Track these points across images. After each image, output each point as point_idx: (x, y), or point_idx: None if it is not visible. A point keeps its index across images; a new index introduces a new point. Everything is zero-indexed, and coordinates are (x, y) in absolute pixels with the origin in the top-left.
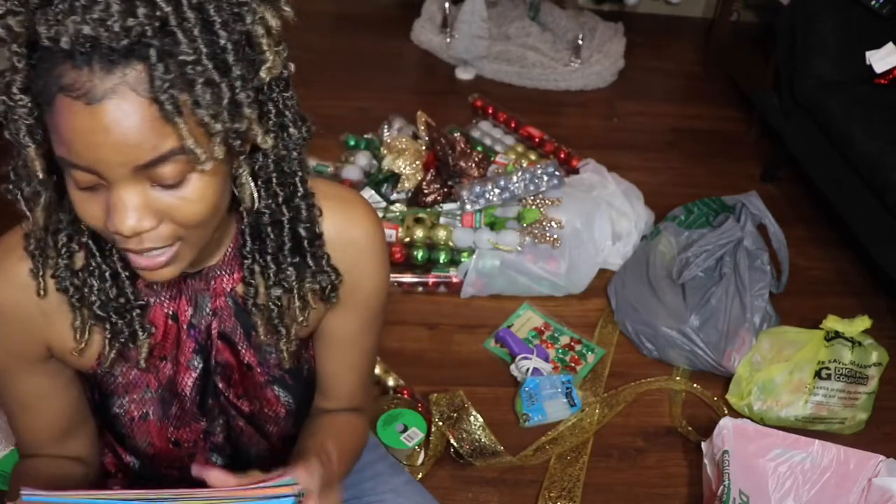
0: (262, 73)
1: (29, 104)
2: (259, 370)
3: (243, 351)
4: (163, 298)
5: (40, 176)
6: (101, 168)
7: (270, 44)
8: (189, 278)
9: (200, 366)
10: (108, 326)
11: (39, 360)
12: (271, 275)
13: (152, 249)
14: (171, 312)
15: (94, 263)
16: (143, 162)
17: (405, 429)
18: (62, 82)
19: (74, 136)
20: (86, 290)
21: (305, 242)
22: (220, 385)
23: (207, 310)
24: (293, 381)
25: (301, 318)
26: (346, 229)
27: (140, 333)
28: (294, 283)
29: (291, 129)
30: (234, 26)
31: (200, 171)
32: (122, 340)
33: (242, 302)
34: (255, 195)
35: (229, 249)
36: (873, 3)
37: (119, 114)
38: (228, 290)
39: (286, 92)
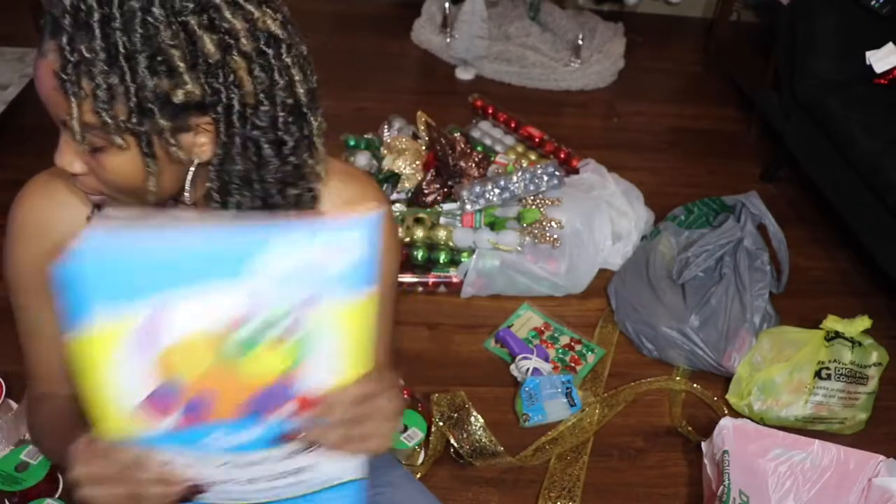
0: (179, 97)
1: None
2: None
3: None
4: None
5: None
6: (50, 112)
7: (189, 70)
8: None
9: None
10: None
11: None
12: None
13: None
14: None
15: None
16: (61, 119)
17: (405, 429)
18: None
19: (46, 93)
20: None
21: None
22: None
23: None
24: None
25: None
26: (357, 204)
27: None
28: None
29: (265, 148)
30: (158, 41)
31: (117, 148)
32: None
33: None
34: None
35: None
36: (873, 3)
37: (43, 72)
38: None
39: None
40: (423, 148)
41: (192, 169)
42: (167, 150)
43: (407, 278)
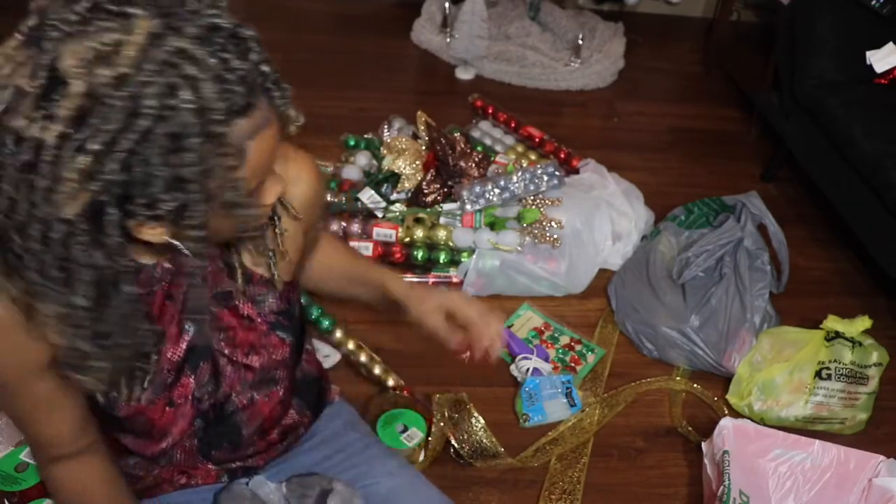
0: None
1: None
2: (259, 320)
3: (241, 305)
4: (163, 284)
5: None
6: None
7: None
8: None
9: (192, 329)
10: (130, 373)
11: (48, 366)
12: None
13: None
14: (168, 294)
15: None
16: (269, 165)
17: (405, 429)
18: (250, 132)
19: (274, 148)
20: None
21: None
22: (227, 350)
23: (199, 280)
24: (287, 321)
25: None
26: (294, 183)
27: (153, 357)
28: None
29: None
30: None
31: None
32: (141, 378)
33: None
34: None
35: None
36: (873, 3)
37: (268, 137)
38: (218, 253)
39: None
40: (423, 148)
41: None
42: None
43: (407, 278)
